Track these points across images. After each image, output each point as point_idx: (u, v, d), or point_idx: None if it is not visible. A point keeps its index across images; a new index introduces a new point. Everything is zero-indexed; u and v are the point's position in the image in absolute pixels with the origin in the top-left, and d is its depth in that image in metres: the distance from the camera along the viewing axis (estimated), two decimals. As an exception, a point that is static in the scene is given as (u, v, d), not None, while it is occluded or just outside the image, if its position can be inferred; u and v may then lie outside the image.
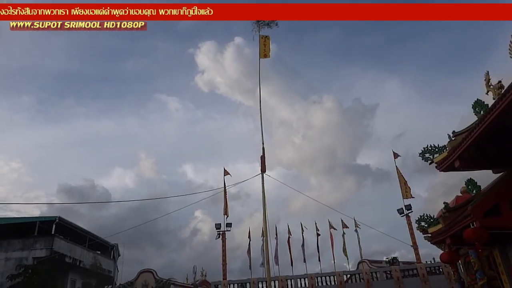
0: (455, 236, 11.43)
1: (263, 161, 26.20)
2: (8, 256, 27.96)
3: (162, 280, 27.03)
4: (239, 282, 27.99)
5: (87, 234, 33.75)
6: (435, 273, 25.03)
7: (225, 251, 29.15)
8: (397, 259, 31.33)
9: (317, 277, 26.44)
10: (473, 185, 12.48)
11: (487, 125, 9.28)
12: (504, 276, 10.89)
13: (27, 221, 29.08)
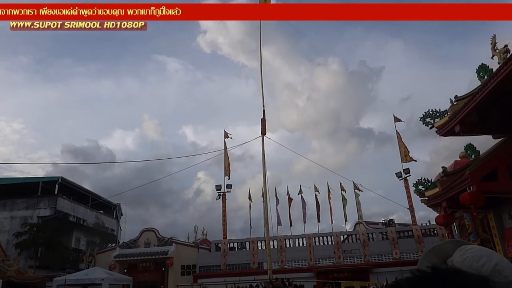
0: (451, 199, 11.63)
1: (264, 123, 26.22)
2: (13, 215, 28.64)
3: (164, 239, 27.80)
4: (239, 241, 28.82)
5: (90, 194, 34.37)
6: (429, 234, 25.71)
7: (225, 211, 29.82)
8: (394, 221, 32.04)
9: (315, 237, 27.18)
10: (472, 150, 12.53)
11: (490, 90, 9.20)
12: (497, 239, 11.19)
13: (30, 181, 29.55)
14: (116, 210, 39.00)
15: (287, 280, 18.80)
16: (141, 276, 26.35)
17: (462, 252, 1.17)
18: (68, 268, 27.37)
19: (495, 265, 1.04)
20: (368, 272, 23.95)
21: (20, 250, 25.37)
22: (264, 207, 25.05)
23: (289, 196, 30.73)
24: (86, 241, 32.26)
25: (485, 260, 1.06)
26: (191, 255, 26.94)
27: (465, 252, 1.16)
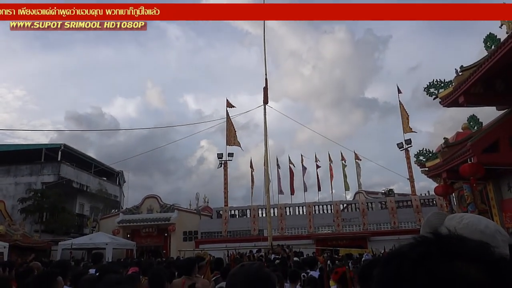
0: (452, 170, 11.69)
1: (266, 92, 26.04)
2: (17, 181, 29.02)
3: (166, 205, 28.25)
4: (240, 209, 29.29)
5: (93, 161, 34.65)
6: (428, 205, 26.01)
7: (227, 179, 30.14)
8: (393, 191, 32.44)
9: (314, 206, 27.56)
10: (475, 121, 12.46)
11: (497, 60, 9.02)
12: (495, 210, 11.32)
13: (33, 148, 29.72)
14: (119, 177, 39.44)
15: (287, 246, 19.21)
16: (144, 241, 26.98)
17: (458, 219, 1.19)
18: (72, 233, 28.01)
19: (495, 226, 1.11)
20: (366, 240, 24.43)
21: (25, 215, 25.87)
22: (265, 175, 25.30)
23: (291, 165, 30.93)
24: (89, 207, 32.83)
25: (486, 223, 1.12)
26: (193, 222, 27.45)
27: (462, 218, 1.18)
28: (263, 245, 21.58)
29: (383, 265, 0.55)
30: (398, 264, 0.52)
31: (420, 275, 0.48)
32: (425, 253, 0.51)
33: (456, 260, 0.49)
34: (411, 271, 0.49)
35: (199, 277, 5.68)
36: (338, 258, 13.07)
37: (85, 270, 6.69)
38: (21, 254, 19.62)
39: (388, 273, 0.52)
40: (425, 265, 0.49)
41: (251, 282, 1.39)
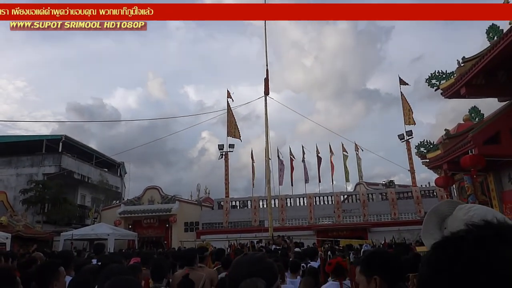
0: (452, 162, 11.69)
1: (267, 83, 25.97)
2: (19, 172, 29.10)
3: (168, 196, 28.35)
4: (241, 200, 29.39)
5: (94, 152, 34.69)
6: (428, 196, 26.07)
7: (228, 170, 30.21)
8: (394, 182, 32.47)
9: (315, 197, 27.64)
10: (476, 113, 12.43)
11: (499, 51, 8.97)
12: (495, 201, 11.34)
13: (34, 139, 29.73)
14: (120, 168, 39.52)
15: (288, 237, 19.32)
16: (145, 232, 27.13)
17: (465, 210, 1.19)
18: (74, 224, 28.16)
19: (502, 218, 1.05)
20: (367, 231, 24.54)
21: (27, 206, 26.00)
22: (266, 166, 25.35)
23: (292, 157, 30.95)
24: (91, 198, 32.96)
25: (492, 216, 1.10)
26: (194, 213, 27.57)
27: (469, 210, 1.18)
28: (264, 236, 21.68)
29: (437, 248, 0.55)
30: (456, 246, 0.52)
31: (481, 257, 0.49)
32: (484, 237, 0.52)
33: None
34: (471, 252, 0.50)
35: (204, 267, 5.73)
36: (338, 249, 13.15)
37: (88, 260, 6.75)
38: (23, 244, 19.77)
39: (446, 255, 0.52)
40: (485, 247, 0.50)
41: (255, 269, 1.42)
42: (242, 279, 1.40)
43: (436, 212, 1.34)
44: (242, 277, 1.40)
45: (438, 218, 1.32)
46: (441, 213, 1.31)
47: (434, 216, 1.34)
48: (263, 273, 1.43)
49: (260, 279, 1.41)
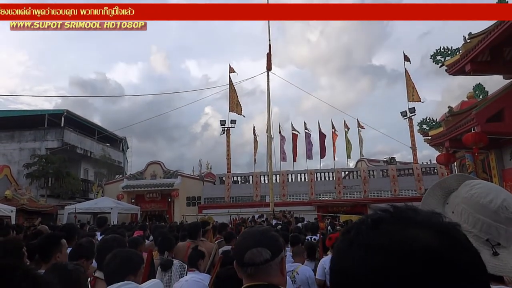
0: (454, 139, 11.66)
1: (269, 58, 25.67)
2: (22, 147, 29.23)
3: (170, 171, 28.55)
4: (242, 175, 29.60)
5: (96, 127, 34.72)
6: (429, 173, 26.17)
7: (230, 146, 30.27)
8: (395, 159, 32.48)
9: (316, 173, 27.80)
10: (480, 90, 12.30)
11: (506, 27, 8.78)
12: (496, 179, 11.37)
13: (36, 114, 29.70)
14: (122, 143, 39.65)
15: (289, 212, 19.55)
16: (148, 206, 27.49)
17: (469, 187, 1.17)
18: (78, 197, 28.52)
19: (502, 201, 1.06)
20: (367, 207, 24.78)
21: (31, 180, 26.25)
22: (268, 142, 25.40)
23: (294, 132, 30.91)
24: (94, 172, 33.23)
25: (493, 197, 1.08)
26: (196, 188, 27.83)
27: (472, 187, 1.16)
28: (265, 211, 21.95)
29: (344, 233, 0.58)
30: (356, 230, 0.55)
31: (374, 238, 0.51)
32: (380, 219, 0.54)
33: (408, 226, 0.52)
34: (366, 235, 0.52)
35: (205, 241, 5.83)
36: (339, 224, 13.32)
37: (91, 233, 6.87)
38: (28, 217, 20.11)
39: (347, 239, 0.55)
40: (379, 229, 0.53)
41: (260, 241, 1.48)
42: (248, 249, 1.45)
43: (441, 186, 1.31)
44: (248, 247, 1.46)
45: (444, 192, 1.30)
46: (448, 187, 1.29)
47: (439, 190, 1.31)
48: (269, 244, 1.48)
49: (265, 249, 1.46)
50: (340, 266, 0.54)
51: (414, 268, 0.47)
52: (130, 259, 2.42)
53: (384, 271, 0.48)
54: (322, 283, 4.92)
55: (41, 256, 3.03)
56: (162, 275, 2.83)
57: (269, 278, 1.44)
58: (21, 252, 2.62)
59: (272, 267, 1.46)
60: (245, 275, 1.46)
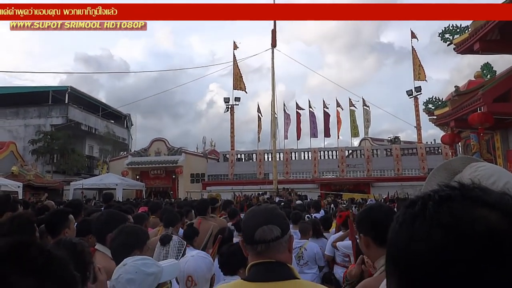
0: (460, 119, 11.59)
1: (274, 35, 25.32)
2: (26, 123, 29.35)
3: (174, 148, 28.67)
4: (246, 153, 29.70)
5: (100, 104, 34.72)
6: (433, 153, 26.12)
7: (233, 124, 30.27)
8: (399, 138, 32.43)
9: (320, 151, 27.84)
10: (488, 69, 12.12)
11: (518, 4, 8.56)
12: (500, 160, 11.34)
13: (40, 90, 29.65)
14: (126, 120, 39.71)
15: (292, 190, 19.70)
16: (152, 183, 27.77)
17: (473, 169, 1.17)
18: (83, 174, 28.82)
19: (505, 184, 1.04)
20: (370, 186, 24.91)
21: (36, 157, 26.50)
22: (272, 120, 25.35)
23: (299, 110, 30.79)
24: (98, 149, 33.44)
25: (495, 179, 1.06)
26: (200, 165, 28.00)
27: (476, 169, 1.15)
28: (268, 188, 22.12)
29: (407, 206, 0.57)
30: (422, 204, 0.54)
31: (442, 215, 0.50)
32: (448, 196, 0.53)
33: (477, 205, 0.51)
34: (434, 211, 0.51)
35: (215, 217, 5.94)
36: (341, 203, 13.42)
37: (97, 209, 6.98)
38: (34, 193, 20.39)
39: (412, 212, 0.54)
40: (448, 206, 0.51)
41: (270, 218, 1.50)
42: (258, 226, 1.46)
43: (446, 168, 1.30)
44: (258, 225, 1.47)
45: (448, 174, 1.29)
46: (453, 169, 1.28)
47: (443, 171, 1.31)
48: (278, 222, 1.50)
49: (275, 226, 1.47)
50: (399, 239, 0.54)
51: (477, 249, 0.47)
52: (136, 234, 2.46)
53: (445, 249, 0.48)
54: (331, 259, 5.02)
55: (49, 231, 3.09)
56: (161, 249, 2.90)
57: (277, 255, 1.47)
58: (33, 227, 2.68)
59: (282, 244, 1.48)
60: (254, 253, 1.48)
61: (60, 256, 0.75)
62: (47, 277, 0.70)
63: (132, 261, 1.71)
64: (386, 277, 0.58)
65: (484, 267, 0.46)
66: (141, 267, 1.67)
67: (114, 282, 1.63)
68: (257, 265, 1.47)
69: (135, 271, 1.64)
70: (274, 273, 1.43)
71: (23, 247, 0.72)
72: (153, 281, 1.66)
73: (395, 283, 0.53)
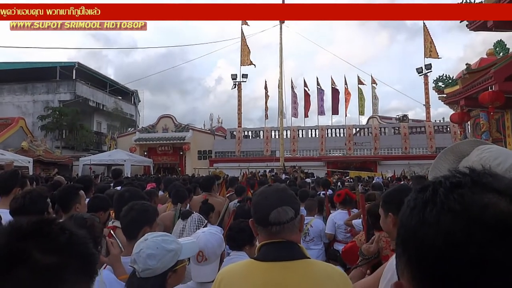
0: (470, 98, 11.43)
1: (282, 11, 24.82)
2: (35, 99, 29.52)
3: (181, 125, 28.75)
4: (253, 130, 29.71)
5: (107, 80, 34.69)
6: (442, 131, 25.88)
7: (241, 100, 30.20)
8: (407, 116, 32.07)
9: (327, 129, 27.74)
10: (501, 47, 11.84)
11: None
12: (509, 139, 11.24)
13: (47, 66, 29.64)
14: (134, 97, 39.72)
15: (299, 167, 19.77)
16: (160, 159, 28.01)
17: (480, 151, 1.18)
18: (92, 150, 29.12)
19: (510, 165, 1.06)
20: (377, 164, 24.90)
21: (45, 132, 26.76)
22: (279, 97, 25.21)
23: (306, 88, 30.53)
24: (107, 125, 33.64)
25: (501, 160, 1.09)
26: (207, 141, 28.11)
27: (482, 151, 1.17)
28: (275, 165, 22.22)
29: (417, 191, 0.58)
30: (433, 190, 0.55)
31: (452, 202, 0.52)
32: (459, 183, 0.55)
33: (487, 191, 0.52)
34: (444, 197, 0.53)
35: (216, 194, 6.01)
36: (348, 180, 13.47)
37: (107, 184, 7.10)
38: (44, 168, 20.73)
39: (423, 198, 0.56)
40: (458, 193, 0.53)
41: (283, 198, 1.52)
42: (273, 208, 1.48)
43: (454, 151, 1.31)
44: (272, 207, 1.48)
45: (456, 157, 1.30)
46: (460, 151, 1.29)
47: (451, 154, 1.31)
48: (291, 203, 1.52)
49: (289, 207, 1.50)
50: (410, 223, 0.56)
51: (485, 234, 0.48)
52: (146, 211, 2.51)
53: (454, 234, 0.49)
54: (332, 237, 5.10)
55: (61, 207, 3.16)
56: (179, 223, 2.98)
57: (289, 235, 1.49)
58: (46, 202, 2.74)
59: (295, 225, 1.51)
60: (267, 234, 1.50)
61: (81, 234, 0.79)
62: (69, 255, 0.73)
63: (152, 237, 1.75)
64: (396, 259, 0.60)
65: (492, 251, 0.47)
66: (162, 243, 1.71)
67: (135, 256, 1.68)
68: (267, 245, 1.50)
69: (156, 246, 1.69)
70: (285, 253, 1.46)
71: (45, 225, 0.75)
72: (172, 257, 1.71)
73: (404, 265, 0.56)
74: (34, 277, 0.68)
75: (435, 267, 0.50)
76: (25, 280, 0.67)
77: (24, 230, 0.73)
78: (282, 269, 1.44)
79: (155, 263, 1.65)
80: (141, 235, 2.23)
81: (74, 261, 0.74)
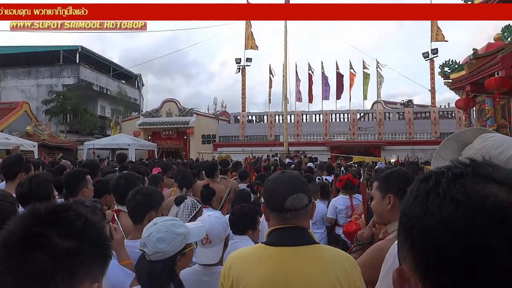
0: (476, 83, 11.33)
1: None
2: (39, 83, 29.51)
3: (185, 109, 28.72)
4: (257, 114, 29.65)
5: (111, 64, 34.56)
6: (447, 117, 25.70)
7: (245, 85, 30.04)
8: (412, 101, 31.82)
9: (331, 114, 27.61)
10: (509, 32, 11.66)
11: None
12: (514, 125, 11.18)
13: (50, 50, 29.53)
14: (138, 81, 39.63)
15: (302, 152, 19.78)
16: (164, 143, 28.11)
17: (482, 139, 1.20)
18: (96, 134, 29.24)
19: None
20: (380, 149, 24.87)
21: (50, 117, 26.86)
22: (283, 81, 25.06)
23: (310, 73, 30.29)
24: (111, 109, 33.69)
25: (503, 149, 1.11)
26: (211, 126, 28.12)
27: (485, 140, 1.19)
28: (279, 150, 22.24)
29: (420, 181, 0.60)
30: (435, 180, 0.57)
31: (454, 191, 0.54)
32: (461, 174, 0.57)
33: (487, 182, 0.54)
34: (447, 187, 0.55)
35: (227, 178, 6.08)
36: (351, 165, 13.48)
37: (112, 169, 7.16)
38: (49, 152, 20.89)
39: (425, 188, 0.58)
40: (459, 183, 0.55)
41: (296, 186, 1.55)
42: (288, 195, 1.51)
43: (457, 139, 1.32)
44: (287, 193, 1.51)
45: (459, 145, 1.31)
46: (463, 139, 1.30)
47: (454, 142, 1.32)
48: (304, 189, 1.56)
49: (304, 194, 1.54)
50: (412, 212, 0.58)
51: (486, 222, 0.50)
52: (151, 195, 2.55)
53: (456, 223, 0.51)
54: (333, 221, 5.15)
55: (68, 191, 3.22)
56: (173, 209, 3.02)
57: (302, 221, 1.54)
58: (51, 186, 2.78)
59: (308, 211, 1.55)
60: (281, 219, 1.53)
61: (96, 220, 0.83)
62: (85, 240, 0.77)
63: (162, 221, 1.79)
64: (397, 246, 0.62)
65: (492, 239, 0.49)
66: (171, 227, 1.75)
67: (145, 240, 1.72)
68: (278, 230, 1.53)
69: (166, 230, 1.72)
70: (295, 238, 1.50)
71: (62, 211, 0.79)
72: (181, 241, 1.75)
73: (407, 251, 0.58)
74: (53, 260, 0.72)
75: (437, 254, 0.52)
76: (45, 263, 0.71)
77: (42, 215, 0.77)
78: (293, 254, 1.47)
79: (165, 246, 1.69)
80: (147, 219, 2.28)
81: (89, 246, 0.78)
